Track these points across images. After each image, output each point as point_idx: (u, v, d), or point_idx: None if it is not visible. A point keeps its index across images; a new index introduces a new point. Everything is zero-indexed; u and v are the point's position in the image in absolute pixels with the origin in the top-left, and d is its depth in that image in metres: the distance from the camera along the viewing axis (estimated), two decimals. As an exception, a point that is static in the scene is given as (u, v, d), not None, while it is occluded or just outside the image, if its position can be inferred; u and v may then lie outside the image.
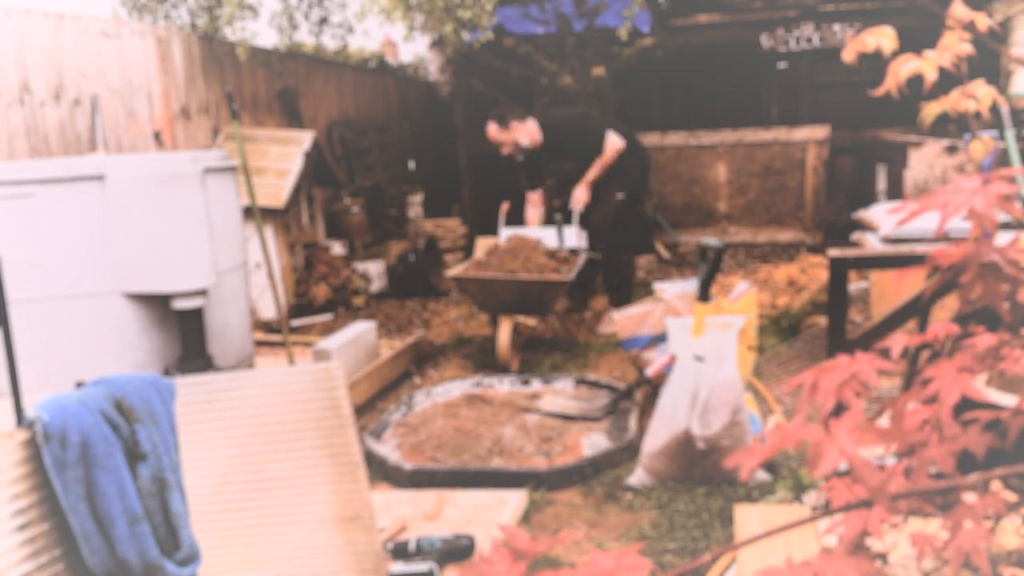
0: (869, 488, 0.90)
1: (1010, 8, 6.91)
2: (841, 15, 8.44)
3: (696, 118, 8.83)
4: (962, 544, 0.87)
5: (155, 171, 3.23)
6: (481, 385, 4.50)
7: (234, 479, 2.29)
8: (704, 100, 9.06)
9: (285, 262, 6.09)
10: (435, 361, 5.20)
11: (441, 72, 10.73)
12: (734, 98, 8.98)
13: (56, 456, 1.65)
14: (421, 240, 7.52)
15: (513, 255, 4.94)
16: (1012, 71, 6.99)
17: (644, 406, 3.99)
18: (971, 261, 0.99)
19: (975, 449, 0.93)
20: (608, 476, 3.40)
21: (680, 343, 3.41)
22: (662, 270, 7.55)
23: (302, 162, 6.01)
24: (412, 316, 6.35)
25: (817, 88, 8.76)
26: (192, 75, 6.03)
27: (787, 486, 3.06)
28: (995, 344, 1.02)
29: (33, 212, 3.11)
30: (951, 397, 0.93)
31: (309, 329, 5.92)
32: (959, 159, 6.28)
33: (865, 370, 0.93)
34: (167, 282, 3.25)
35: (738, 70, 8.86)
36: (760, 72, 8.90)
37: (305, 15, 6.99)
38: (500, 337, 4.75)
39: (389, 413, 4.08)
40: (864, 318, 4.99)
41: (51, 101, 4.77)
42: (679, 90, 9.18)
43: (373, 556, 2.32)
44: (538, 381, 4.52)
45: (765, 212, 8.42)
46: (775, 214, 8.38)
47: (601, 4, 7.89)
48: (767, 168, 8.32)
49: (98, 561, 1.70)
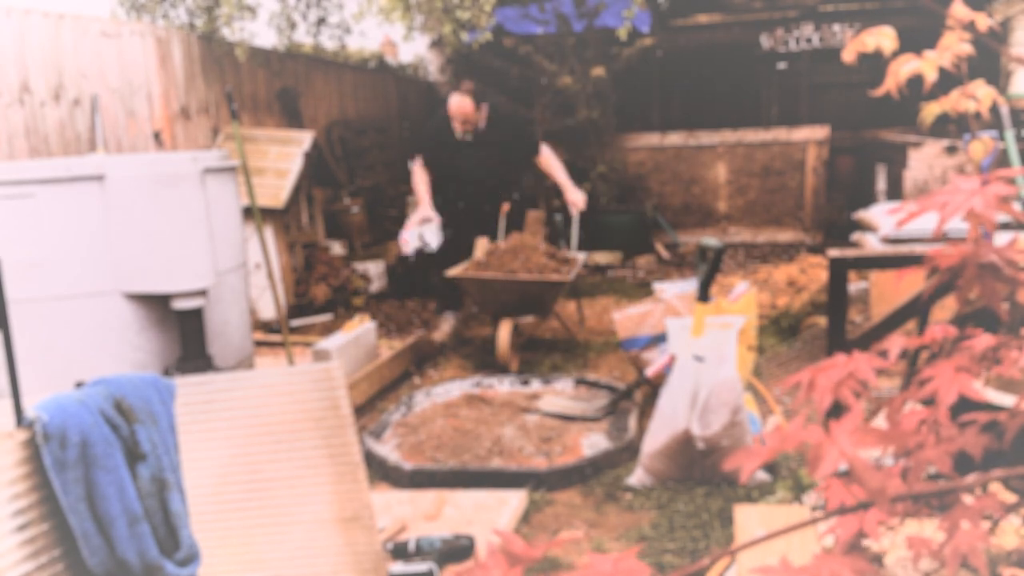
0: (869, 490, 0.90)
1: (1010, 8, 6.91)
2: (841, 15, 8.44)
3: (696, 118, 8.83)
4: (959, 545, 0.87)
5: (155, 171, 3.23)
6: (481, 385, 4.50)
7: (234, 479, 2.29)
8: (704, 100, 9.07)
9: (285, 262, 6.09)
10: (435, 361, 5.20)
11: (441, 72, 10.72)
12: (734, 98, 8.99)
13: (56, 456, 1.65)
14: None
15: (513, 255, 4.93)
16: (1012, 71, 6.99)
17: (644, 406, 3.99)
18: (970, 262, 0.99)
19: (972, 450, 0.93)
20: (608, 476, 3.40)
21: (680, 343, 3.41)
22: (662, 270, 7.55)
23: (302, 162, 6.01)
24: (412, 316, 6.35)
25: (817, 88, 8.76)
26: (192, 75, 6.03)
27: (787, 486, 3.06)
28: (993, 345, 1.02)
29: (33, 212, 3.11)
30: (949, 397, 0.94)
31: (309, 329, 5.92)
32: (959, 159, 6.28)
33: (862, 369, 0.93)
34: (167, 282, 3.25)
35: (738, 70, 8.86)
36: (760, 72, 8.90)
37: (303, 15, 6.99)
38: (500, 337, 4.74)
39: (389, 413, 4.08)
40: (864, 318, 4.99)
41: (51, 101, 4.77)
42: (679, 90, 9.19)
43: (373, 556, 2.33)
44: (538, 381, 4.52)
45: (765, 212, 8.42)
46: (775, 214, 8.39)
47: (601, 4, 7.90)
48: (767, 168, 8.32)
49: (98, 561, 1.70)
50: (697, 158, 8.48)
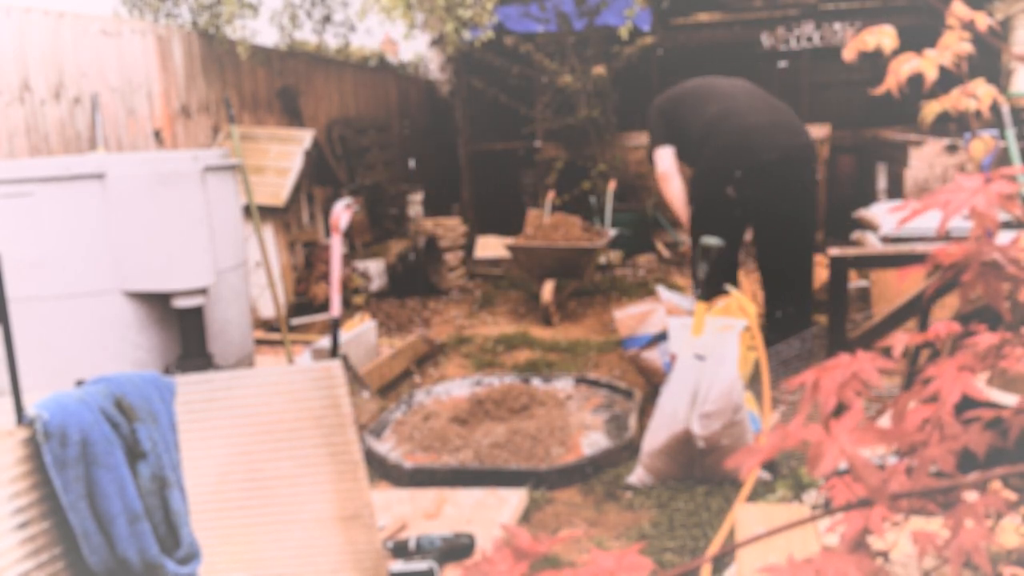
0: (869, 487, 0.90)
1: (1010, 7, 6.91)
2: (841, 14, 8.43)
3: (696, 117, 8.81)
4: (963, 543, 0.87)
5: (155, 170, 3.22)
6: (481, 384, 4.50)
7: (234, 478, 2.29)
8: (704, 99, 9.05)
9: (285, 261, 6.09)
10: (435, 360, 5.20)
11: (441, 71, 10.72)
12: (734, 97, 8.97)
13: (56, 454, 1.65)
14: (421, 239, 7.52)
15: (555, 228, 6.22)
16: (1012, 70, 6.99)
17: (644, 405, 3.99)
18: (973, 260, 0.99)
19: (976, 448, 0.92)
20: (608, 475, 3.40)
21: (681, 342, 3.40)
22: (663, 269, 7.54)
23: (302, 161, 6.00)
24: (412, 315, 6.35)
25: (817, 87, 8.75)
26: (192, 74, 6.03)
27: (787, 485, 3.07)
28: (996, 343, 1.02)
29: (33, 211, 3.11)
30: (952, 396, 0.93)
31: (309, 328, 5.92)
32: (959, 158, 6.28)
33: (866, 369, 0.93)
34: (167, 281, 3.25)
35: (738, 69, 8.82)
36: (760, 71, 8.89)
37: (308, 13, 6.99)
38: (545, 291, 5.75)
39: (389, 412, 4.08)
40: (864, 317, 4.99)
41: (51, 99, 4.76)
42: (679, 89, 9.17)
43: (373, 555, 2.33)
44: (538, 380, 4.52)
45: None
46: (775, 213, 8.37)
47: (602, 3, 7.89)
48: (767, 167, 8.31)
49: (98, 559, 1.70)
50: (697, 157, 8.47)
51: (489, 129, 9.22)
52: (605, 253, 7.00)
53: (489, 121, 9.16)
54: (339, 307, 4.09)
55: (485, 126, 9.23)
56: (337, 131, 7.94)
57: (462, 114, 9.14)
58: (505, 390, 4.24)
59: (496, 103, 8.42)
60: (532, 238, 6.27)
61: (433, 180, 9.63)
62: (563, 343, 5.40)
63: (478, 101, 8.90)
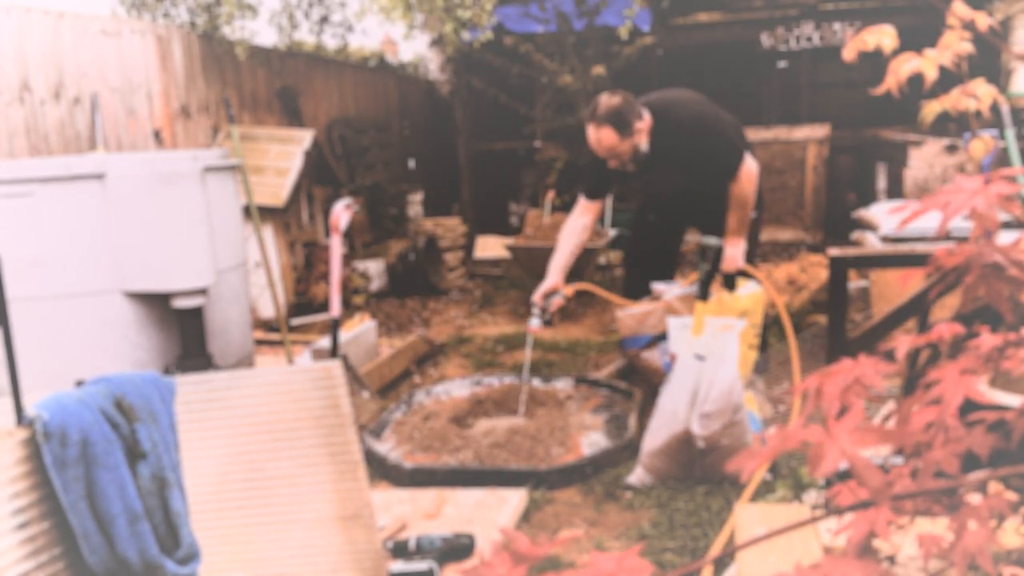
0: (870, 488, 0.89)
1: (1010, 7, 6.91)
2: (841, 14, 8.43)
3: (696, 117, 8.80)
4: (968, 545, 0.86)
5: (155, 170, 3.22)
6: (481, 384, 4.50)
7: (234, 478, 2.29)
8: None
9: (285, 261, 6.09)
10: (435, 360, 5.20)
11: (441, 71, 10.71)
12: (734, 97, 8.96)
13: (56, 454, 1.65)
14: (421, 239, 7.52)
15: (554, 228, 6.04)
16: (1012, 70, 6.98)
17: (644, 405, 3.99)
18: (974, 262, 0.98)
19: (979, 450, 0.92)
20: (608, 475, 3.39)
21: (681, 342, 3.40)
22: (662, 269, 7.54)
23: (302, 161, 6.00)
24: (412, 315, 6.35)
25: (817, 87, 8.75)
26: (192, 74, 6.03)
27: (787, 485, 3.07)
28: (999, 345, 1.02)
29: (33, 211, 3.11)
30: (955, 400, 0.93)
31: (309, 328, 5.92)
32: (959, 158, 6.28)
33: (869, 374, 0.93)
34: (167, 281, 3.25)
35: (738, 69, 8.85)
36: (760, 71, 8.89)
37: (305, 14, 6.98)
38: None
39: (389, 412, 4.07)
40: (864, 317, 5.00)
41: (51, 99, 4.76)
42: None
43: (373, 555, 2.32)
44: (538, 380, 4.52)
45: (765, 211, 8.39)
46: (775, 213, 8.38)
47: (601, 3, 7.89)
48: (767, 167, 8.30)
49: (98, 560, 1.70)
50: (697, 157, 8.47)
51: (489, 129, 9.22)
52: (605, 253, 7.00)
53: (489, 121, 9.15)
54: (339, 307, 4.09)
55: (485, 126, 9.22)
56: (337, 131, 7.94)
57: (462, 114, 9.14)
58: (505, 390, 4.24)
59: (496, 103, 8.42)
60: (532, 238, 6.30)
61: (433, 180, 9.62)
62: (563, 343, 5.40)
63: (478, 101, 8.90)
